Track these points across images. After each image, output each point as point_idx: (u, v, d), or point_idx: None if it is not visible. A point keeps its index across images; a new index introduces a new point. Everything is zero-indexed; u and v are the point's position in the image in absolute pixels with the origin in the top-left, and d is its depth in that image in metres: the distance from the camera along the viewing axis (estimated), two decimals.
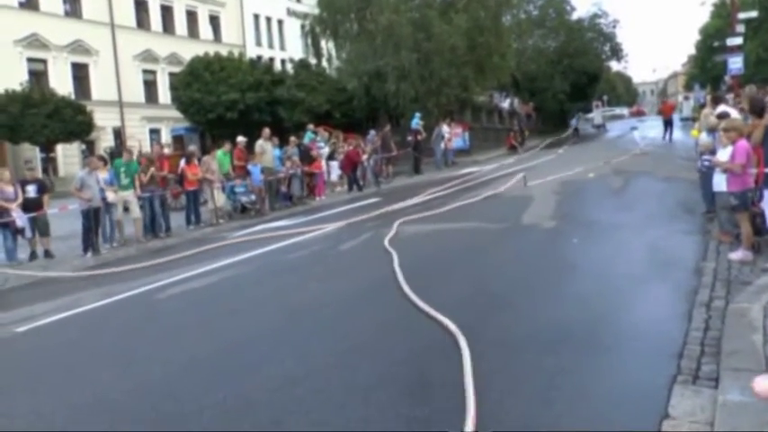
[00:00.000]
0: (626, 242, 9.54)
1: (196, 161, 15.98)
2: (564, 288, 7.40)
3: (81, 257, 12.48)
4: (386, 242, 10.64)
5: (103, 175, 13.39)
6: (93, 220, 12.72)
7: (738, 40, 28.84)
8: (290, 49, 45.86)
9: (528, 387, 4.68)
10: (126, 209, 13.94)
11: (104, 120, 34.40)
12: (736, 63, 27.99)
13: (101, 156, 14.48)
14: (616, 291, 7.03)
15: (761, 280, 6.46)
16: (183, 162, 16.00)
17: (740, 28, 29.38)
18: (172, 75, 37.76)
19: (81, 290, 9.65)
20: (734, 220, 8.15)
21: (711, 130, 10.07)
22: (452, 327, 5.89)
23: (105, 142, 33.87)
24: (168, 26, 40.34)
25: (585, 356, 5.15)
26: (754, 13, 31.65)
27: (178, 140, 30.52)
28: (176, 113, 34.21)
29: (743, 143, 7.84)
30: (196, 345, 6.31)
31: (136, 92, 38.01)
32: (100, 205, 13.01)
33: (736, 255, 7.63)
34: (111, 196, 13.26)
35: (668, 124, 33.17)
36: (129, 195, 13.86)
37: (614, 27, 52.57)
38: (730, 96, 16.68)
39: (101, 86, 35.97)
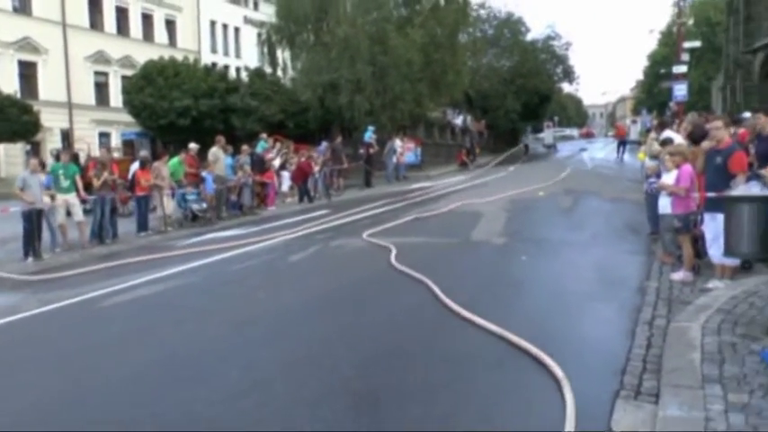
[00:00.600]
0: (573, 260, 9.72)
1: (134, 166, 15.65)
2: (511, 304, 7.49)
3: (21, 262, 12.05)
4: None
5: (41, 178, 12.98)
6: (35, 223, 12.32)
7: (683, 68, 29.86)
8: (246, 57, 45.52)
9: (474, 401, 4.70)
10: (69, 213, 13.52)
11: (52, 121, 33.49)
12: (680, 90, 28.95)
13: (40, 160, 14.02)
14: (563, 308, 7.14)
15: (700, 300, 6.66)
16: (134, 167, 15.66)
17: (685, 57, 30.44)
18: (124, 78, 37.06)
19: (20, 296, 9.32)
20: (677, 241, 8.39)
21: (654, 157, 10.40)
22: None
23: (52, 144, 32.97)
24: (123, 28, 39.62)
25: (531, 372, 5.21)
26: (697, 43, 32.84)
27: (128, 145, 29.94)
28: (127, 117, 33.56)
29: (687, 168, 8.09)
30: (139, 354, 6.15)
31: (86, 94, 37.16)
32: (43, 207, 12.62)
33: (678, 275, 7.86)
34: (46, 201, 12.86)
35: (622, 144, 34.44)
36: (71, 198, 13.46)
37: (567, 50, 53.85)
38: (675, 122, 17.18)
39: (49, 86, 35.05)
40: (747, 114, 15.86)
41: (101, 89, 38.33)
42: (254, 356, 5.88)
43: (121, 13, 39.43)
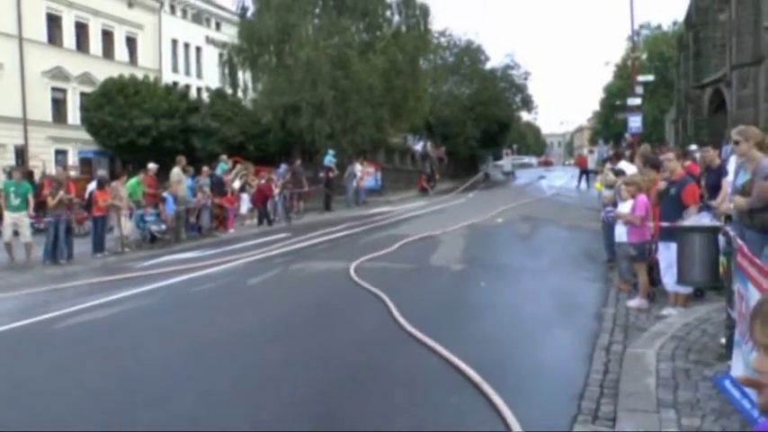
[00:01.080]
0: (532, 287, 9.85)
1: (92, 186, 15.36)
2: (471, 329, 7.55)
3: None
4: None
5: None
6: None
7: (638, 101, 30.68)
8: (207, 77, 45.27)
9: (433, 424, 4.72)
10: (16, 232, 13.16)
11: (5, 137, 32.71)
12: (635, 122, 29.71)
13: None
14: (521, 333, 7.24)
15: (655, 327, 6.82)
16: (92, 186, 15.34)
17: (639, 89, 31.29)
18: (83, 95, 36.42)
19: None
20: (633, 269, 8.58)
21: (609, 186, 10.67)
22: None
23: (5, 161, 32.09)
24: (82, 44, 39.01)
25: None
26: (650, 77, 33.85)
27: (86, 163, 29.44)
28: (86, 135, 32.98)
29: (642, 197, 8.32)
30: (92, 378, 6.02)
31: (43, 110, 36.38)
32: None
33: (634, 302, 8.03)
34: None
35: (584, 173, 35.27)
36: (21, 217, 13.14)
37: (525, 79, 54.88)
38: (629, 153, 17.64)
39: (4, 101, 34.19)
40: (694, 147, 16.42)
41: (58, 106, 37.58)
42: (212, 380, 5.81)
43: (81, 29, 38.86)
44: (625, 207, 8.57)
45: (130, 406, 5.27)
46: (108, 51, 40.63)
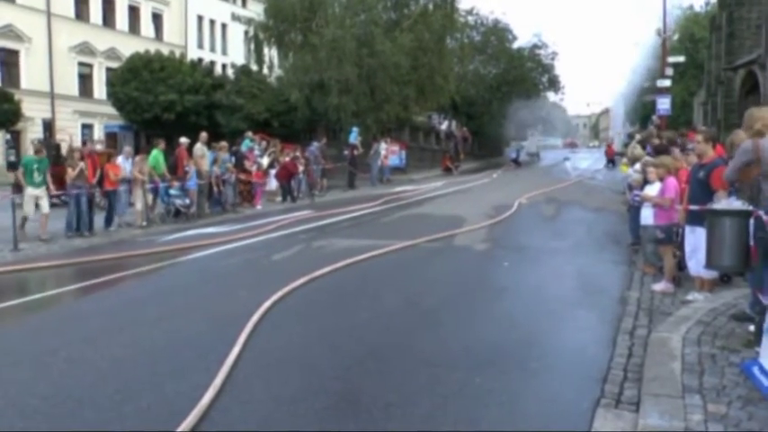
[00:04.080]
0: (555, 268, 9.78)
1: (119, 160, 15.34)
2: (494, 310, 7.52)
3: None
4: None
5: None
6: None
7: (667, 83, 30.11)
8: (232, 54, 45.30)
9: (455, 405, 4.71)
10: (37, 205, 13.27)
11: (33, 110, 33.04)
12: (664, 104, 29.19)
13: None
14: (545, 315, 7.19)
15: (680, 311, 6.72)
16: (119, 160, 15.33)
17: (669, 71, 30.69)
18: (109, 70, 36.67)
19: None
20: (658, 253, 8.47)
21: (634, 161, 10.51)
22: None
23: (33, 134, 32.49)
24: (108, 20, 39.22)
25: (513, 377, 5.24)
26: (681, 58, 33.16)
27: (111, 137, 29.67)
28: (111, 110, 33.24)
29: (672, 180, 8.18)
30: (117, 348, 6.08)
31: (70, 84, 36.74)
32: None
33: (659, 286, 7.93)
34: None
35: (611, 162, 35.38)
36: (41, 192, 13.26)
37: (553, 59, 54.11)
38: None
39: (32, 75, 34.60)
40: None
41: (84, 80, 37.91)
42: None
43: (108, 5, 39.03)
44: (653, 190, 8.44)
45: (154, 376, 5.32)
46: (134, 27, 40.83)
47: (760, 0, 29.71)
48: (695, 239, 7.30)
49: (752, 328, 5.59)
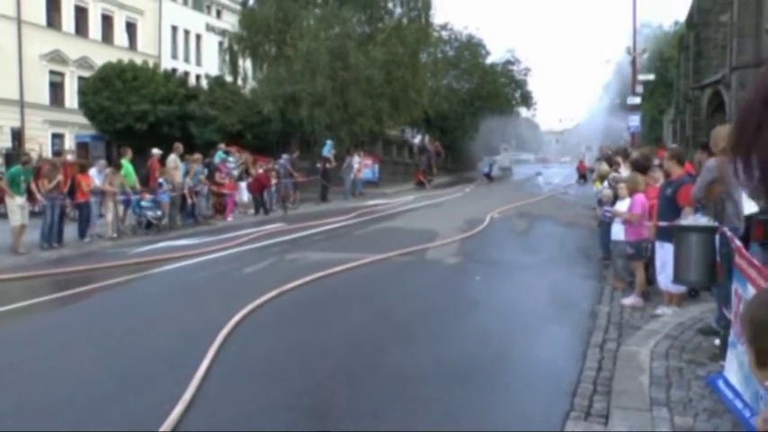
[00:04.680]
0: (527, 282, 9.86)
1: (92, 172, 15.15)
2: (465, 324, 7.54)
3: None
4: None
5: None
6: None
7: (637, 100, 30.64)
8: (207, 64, 45.09)
9: (425, 419, 4.72)
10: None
11: (2, 119, 32.50)
12: (634, 121, 29.69)
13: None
14: (516, 329, 7.24)
15: (649, 325, 6.82)
16: (93, 171, 15.12)
17: (639, 89, 31.23)
18: (81, 79, 36.21)
19: None
20: (629, 267, 8.58)
21: (602, 177, 10.67)
22: None
23: (2, 143, 32.05)
24: (81, 28, 38.79)
25: (484, 391, 5.26)
26: (651, 76, 33.78)
27: (82, 147, 29.30)
28: (82, 119, 32.81)
29: (639, 196, 8.31)
30: (84, 361, 6.00)
31: (40, 93, 36.21)
32: None
33: (629, 300, 8.04)
34: None
35: (582, 177, 35.67)
36: (23, 201, 13.12)
37: (525, 75, 54.70)
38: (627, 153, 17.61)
39: (1, 83, 34.08)
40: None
41: (56, 89, 37.41)
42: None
43: (80, 13, 38.64)
44: (623, 205, 8.57)
45: (123, 389, 5.26)
46: (107, 36, 40.43)
47: (725, 21, 30.41)
48: (664, 255, 7.42)
49: (717, 341, 5.70)
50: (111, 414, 4.75)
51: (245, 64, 33.41)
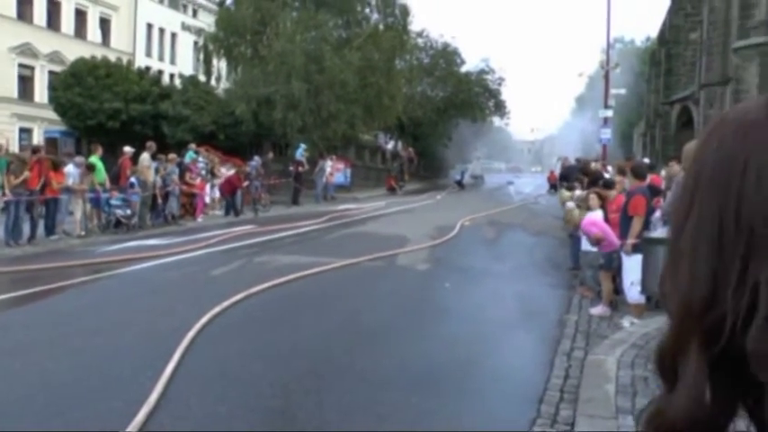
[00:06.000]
0: (496, 290, 9.91)
1: (69, 168, 14.93)
2: (434, 330, 7.56)
3: None
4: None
5: None
6: None
7: (609, 113, 31.05)
8: (181, 63, 44.70)
9: (392, 424, 4.71)
10: None
11: None
12: (605, 134, 30.06)
13: None
14: (485, 336, 7.27)
15: (616, 335, 6.91)
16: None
17: (611, 102, 31.66)
18: (52, 73, 35.69)
19: None
20: (597, 277, 8.68)
21: (564, 202, 10.86)
22: None
23: None
24: (53, 22, 38.21)
25: (451, 397, 5.27)
26: (622, 90, 34.28)
27: (51, 143, 28.85)
28: (52, 115, 32.34)
29: (594, 218, 8.52)
30: (47, 363, 5.88)
31: (8, 86, 35.56)
32: None
33: (596, 310, 8.13)
34: None
35: (553, 187, 35.90)
36: None
37: (500, 85, 55.04)
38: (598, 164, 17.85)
39: None
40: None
41: (25, 83, 36.78)
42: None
43: (53, 7, 38.06)
44: (596, 215, 8.69)
45: (87, 391, 5.17)
46: (80, 31, 39.89)
47: (695, 39, 31.04)
48: (631, 265, 7.52)
49: None
50: (74, 416, 4.67)
51: (220, 64, 33.26)
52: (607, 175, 11.01)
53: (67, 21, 38.94)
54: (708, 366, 0.57)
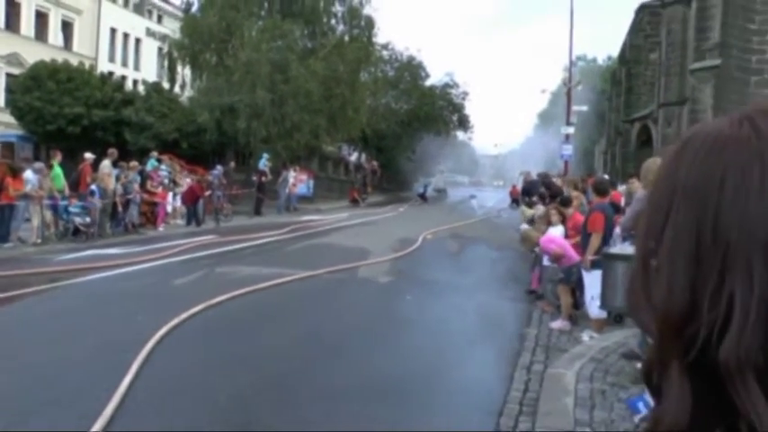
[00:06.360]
0: (457, 303, 9.95)
1: (28, 174, 14.58)
2: (395, 342, 7.56)
3: None
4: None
5: None
6: None
7: (571, 130, 31.55)
8: (145, 70, 44.19)
9: None
10: None
11: None
12: (567, 150, 30.53)
13: None
14: (445, 349, 7.30)
15: (575, 349, 6.99)
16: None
17: (573, 119, 32.19)
18: (10, 76, 34.93)
19: None
20: (557, 292, 8.79)
21: (529, 222, 11.08)
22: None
23: None
24: (12, 23, 37.35)
25: (410, 409, 5.27)
26: (584, 108, 34.89)
27: (7, 147, 28.22)
28: (9, 118, 31.62)
29: (553, 235, 8.65)
30: (2, 375, 5.73)
31: None
32: None
33: (556, 324, 8.22)
34: None
35: (515, 201, 36.25)
36: None
37: (464, 99, 55.54)
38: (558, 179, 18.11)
39: None
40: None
41: None
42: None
43: (12, 8, 37.21)
44: (557, 231, 8.80)
45: (40, 403, 5.05)
46: (41, 34, 39.09)
47: (654, 60, 31.80)
48: (591, 281, 7.64)
49: (639, 365, 5.88)
50: (28, 428, 4.54)
51: (185, 71, 32.98)
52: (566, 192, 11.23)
53: (27, 22, 38.11)
54: (689, 379, 0.59)
